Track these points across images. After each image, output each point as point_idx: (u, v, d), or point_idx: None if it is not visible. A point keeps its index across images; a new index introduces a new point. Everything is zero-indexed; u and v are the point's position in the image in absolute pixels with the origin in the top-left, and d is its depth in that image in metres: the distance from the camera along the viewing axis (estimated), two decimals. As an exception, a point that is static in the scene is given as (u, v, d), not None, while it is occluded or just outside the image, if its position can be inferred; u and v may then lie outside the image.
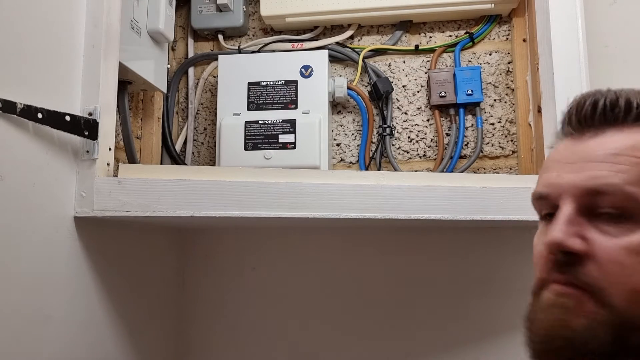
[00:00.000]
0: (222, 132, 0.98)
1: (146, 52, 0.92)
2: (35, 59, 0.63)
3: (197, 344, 1.07)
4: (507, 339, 0.93)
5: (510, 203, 0.74)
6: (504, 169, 1.03)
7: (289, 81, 1.00)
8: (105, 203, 0.69)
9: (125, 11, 0.81)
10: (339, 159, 1.07)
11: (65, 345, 0.68)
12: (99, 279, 0.75)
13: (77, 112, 0.69)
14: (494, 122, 1.04)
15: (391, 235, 1.00)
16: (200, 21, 1.09)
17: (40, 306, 0.63)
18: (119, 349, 0.81)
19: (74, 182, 0.69)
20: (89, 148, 0.69)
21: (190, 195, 0.70)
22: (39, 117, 0.62)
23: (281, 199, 0.71)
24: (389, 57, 1.08)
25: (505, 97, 1.04)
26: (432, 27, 1.08)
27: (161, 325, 0.98)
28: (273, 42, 1.08)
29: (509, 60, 1.05)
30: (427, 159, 1.05)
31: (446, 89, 1.02)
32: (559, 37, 0.79)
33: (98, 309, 0.76)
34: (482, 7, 1.01)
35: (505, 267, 1.00)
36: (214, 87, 1.11)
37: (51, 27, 0.66)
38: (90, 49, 0.72)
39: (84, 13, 0.72)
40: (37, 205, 0.63)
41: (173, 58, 1.13)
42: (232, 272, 1.07)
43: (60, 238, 0.67)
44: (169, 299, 1.02)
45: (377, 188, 0.71)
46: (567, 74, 0.78)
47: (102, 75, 0.71)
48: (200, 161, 1.11)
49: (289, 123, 0.97)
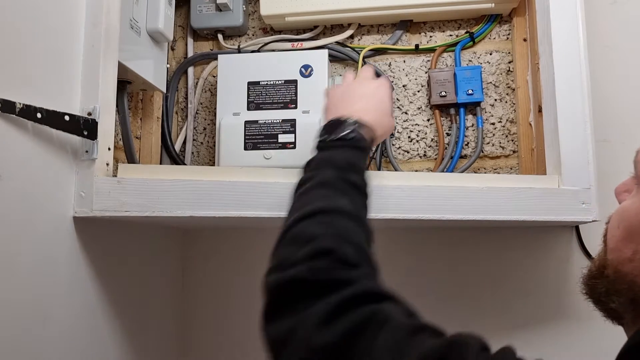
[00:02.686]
0: (221, 131, 0.98)
1: (145, 52, 0.91)
2: (34, 59, 0.63)
3: (197, 343, 1.07)
4: (507, 339, 0.93)
5: (511, 203, 0.74)
6: (504, 169, 1.03)
7: (288, 81, 1.00)
8: (104, 203, 0.69)
9: (124, 11, 0.81)
10: (339, 158, 1.07)
11: (64, 345, 0.68)
12: (98, 279, 0.75)
13: (77, 112, 0.69)
14: (494, 122, 1.04)
15: (391, 235, 1.00)
16: (199, 21, 1.09)
17: (40, 306, 0.63)
18: (118, 349, 0.81)
19: (73, 182, 0.69)
20: (88, 148, 0.69)
21: (189, 195, 0.70)
22: (38, 117, 0.61)
23: (281, 199, 0.70)
24: (389, 57, 1.08)
25: (505, 97, 1.04)
26: (432, 27, 1.08)
27: (161, 325, 0.98)
28: (273, 41, 1.08)
29: (510, 60, 1.05)
30: (428, 159, 1.05)
31: (446, 88, 1.01)
32: (560, 36, 0.79)
33: (97, 309, 0.76)
34: (482, 6, 1.00)
35: (505, 267, 1.00)
36: (213, 87, 1.11)
37: (51, 26, 0.66)
38: (90, 49, 0.71)
39: (84, 13, 0.72)
40: (36, 205, 0.63)
41: (172, 57, 1.13)
42: (232, 272, 1.07)
43: (60, 238, 0.67)
44: (169, 299, 1.02)
45: (377, 188, 0.71)
46: (567, 74, 0.78)
47: (101, 75, 0.71)
48: (199, 161, 1.11)
49: (288, 123, 0.97)
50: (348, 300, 0.44)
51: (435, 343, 0.40)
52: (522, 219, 0.73)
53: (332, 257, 0.49)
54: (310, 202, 0.56)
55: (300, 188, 0.60)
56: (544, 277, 0.99)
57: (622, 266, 0.42)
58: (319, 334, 0.43)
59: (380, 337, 0.41)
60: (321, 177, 0.59)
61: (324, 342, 0.42)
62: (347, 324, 0.42)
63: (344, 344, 0.41)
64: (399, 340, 0.40)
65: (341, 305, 0.44)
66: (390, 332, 0.41)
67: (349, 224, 0.54)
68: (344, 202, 0.56)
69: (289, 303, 0.47)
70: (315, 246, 0.50)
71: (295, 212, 0.56)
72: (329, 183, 0.58)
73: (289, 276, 0.48)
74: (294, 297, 0.47)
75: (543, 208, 0.73)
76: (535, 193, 0.74)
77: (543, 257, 0.99)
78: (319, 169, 0.61)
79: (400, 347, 0.40)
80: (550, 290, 0.99)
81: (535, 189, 0.74)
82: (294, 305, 0.46)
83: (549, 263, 0.99)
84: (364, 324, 0.42)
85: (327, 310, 0.44)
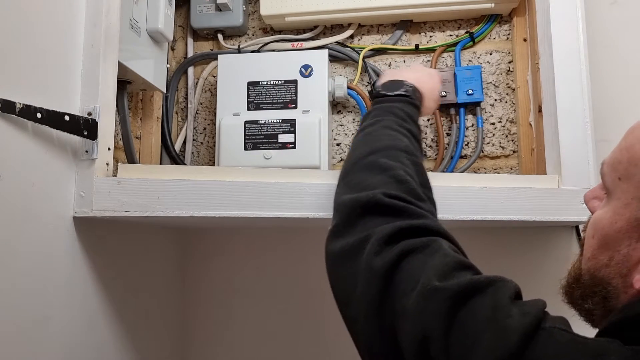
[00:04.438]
0: (221, 131, 0.98)
1: (145, 52, 0.91)
2: (34, 59, 0.63)
3: (197, 343, 1.07)
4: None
5: (511, 203, 0.74)
6: (504, 169, 1.03)
7: (288, 81, 1.00)
8: (104, 203, 0.69)
9: (124, 11, 0.81)
10: (339, 159, 1.07)
11: (64, 345, 0.68)
12: (98, 279, 0.75)
13: (77, 112, 0.69)
14: (494, 122, 1.04)
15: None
16: (199, 21, 1.09)
17: (40, 306, 0.63)
18: (118, 349, 0.81)
19: (73, 182, 0.69)
20: (88, 148, 0.69)
21: (189, 195, 0.70)
22: (38, 117, 0.61)
23: (281, 199, 0.70)
24: (389, 57, 1.08)
25: (505, 97, 1.04)
26: (432, 27, 1.08)
27: (161, 325, 0.98)
28: (273, 41, 1.08)
29: (510, 60, 1.05)
30: (428, 159, 1.05)
31: (447, 88, 1.01)
32: (560, 36, 0.79)
33: (97, 309, 0.76)
34: (482, 6, 1.00)
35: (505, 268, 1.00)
36: (213, 87, 1.11)
37: (50, 26, 0.66)
38: (90, 49, 0.71)
39: (84, 12, 0.72)
40: (36, 205, 0.62)
41: (172, 58, 1.13)
42: (232, 272, 1.06)
43: (60, 238, 0.67)
44: (169, 299, 1.02)
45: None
46: (567, 74, 0.78)
47: (101, 75, 0.71)
48: (199, 161, 1.11)
49: (288, 123, 0.97)
50: (414, 228, 0.50)
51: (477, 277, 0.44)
52: (522, 219, 0.73)
53: (405, 187, 0.55)
54: (379, 140, 0.63)
55: (364, 131, 0.67)
56: (543, 277, 0.99)
57: (598, 272, 0.45)
58: (381, 251, 0.48)
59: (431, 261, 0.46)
60: (385, 123, 0.67)
61: (383, 258, 0.47)
62: (408, 246, 0.48)
63: (399, 260, 0.47)
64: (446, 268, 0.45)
65: (407, 230, 0.50)
66: (442, 259, 0.46)
67: (413, 163, 0.61)
68: (407, 144, 0.63)
69: (361, 220, 0.53)
70: (389, 175, 0.56)
71: (365, 147, 0.62)
72: (392, 127, 0.65)
73: (366, 197, 0.54)
74: (368, 216, 0.53)
75: (543, 208, 0.73)
76: (535, 193, 0.74)
77: (543, 257, 0.99)
78: (381, 117, 0.68)
79: (445, 273, 0.45)
80: (550, 290, 0.98)
81: (535, 189, 0.74)
82: (366, 222, 0.52)
83: (549, 263, 0.99)
84: (421, 247, 0.48)
85: (394, 231, 0.49)
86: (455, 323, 0.41)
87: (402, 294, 0.45)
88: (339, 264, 0.52)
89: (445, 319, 0.41)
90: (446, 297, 0.42)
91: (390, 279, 0.46)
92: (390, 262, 0.47)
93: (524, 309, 0.40)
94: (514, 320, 0.39)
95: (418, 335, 0.42)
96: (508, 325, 0.39)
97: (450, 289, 0.42)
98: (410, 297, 0.44)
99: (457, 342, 0.40)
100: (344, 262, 0.52)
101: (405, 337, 0.43)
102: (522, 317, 0.40)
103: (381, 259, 0.48)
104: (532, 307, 0.41)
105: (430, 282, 0.44)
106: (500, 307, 0.41)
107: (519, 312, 0.40)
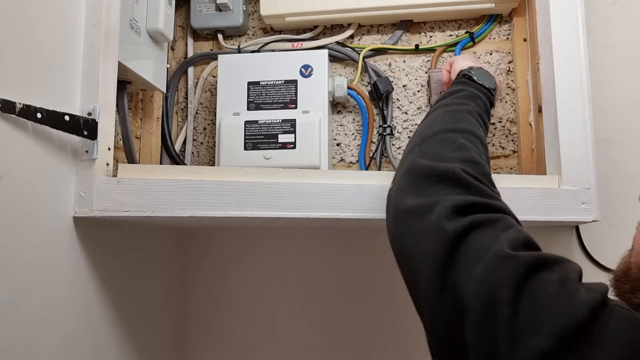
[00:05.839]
0: (221, 131, 0.98)
1: (145, 52, 0.91)
2: (34, 59, 0.63)
3: (197, 343, 1.07)
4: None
5: (510, 203, 0.73)
6: (504, 169, 1.03)
7: (288, 81, 1.00)
8: (104, 203, 0.69)
9: (124, 11, 0.81)
10: (339, 158, 1.07)
11: (64, 345, 0.68)
12: (98, 279, 0.75)
13: (77, 112, 0.69)
14: (494, 122, 1.04)
15: (391, 235, 0.99)
16: (199, 21, 1.09)
17: (40, 306, 0.63)
18: (118, 349, 0.81)
19: (73, 182, 0.69)
20: (88, 148, 0.69)
21: (189, 195, 0.70)
22: (38, 116, 0.61)
23: (281, 199, 0.70)
24: (389, 57, 1.08)
25: (505, 97, 1.04)
26: (432, 27, 1.08)
27: (161, 325, 0.98)
28: (273, 41, 1.08)
29: (510, 60, 1.05)
30: (427, 159, 1.04)
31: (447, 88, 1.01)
32: (560, 36, 0.79)
33: (97, 309, 0.76)
34: (482, 6, 1.00)
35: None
36: (213, 87, 1.11)
37: (50, 26, 0.66)
38: (90, 49, 0.71)
39: (83, 12, 0.72)
40: (36, 205, 0.62)
41: (172, 58, 1.13)
42: (232, 272, 1.07)
43: (60, 238, 0.67)
44: (169, 299, 1.02)
45: (377, 188, 0.71)
46: (567, 74, 0.78)
47: (101, 75, 0.71)
48: (199, 161, 1.11)
49: (288, 123, 0.97)
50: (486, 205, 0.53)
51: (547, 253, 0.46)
52: (522, 219, 0.72)
53: (479, 169, 0.58)
54: (462, 121, 0.68)
55: (450, 107, 0.72)
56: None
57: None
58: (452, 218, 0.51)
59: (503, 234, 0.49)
60: (470, 108, 0.72)
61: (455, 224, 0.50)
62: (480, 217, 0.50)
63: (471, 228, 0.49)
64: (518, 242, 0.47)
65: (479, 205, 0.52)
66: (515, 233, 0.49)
67: (485, 154, 0.65)
68: (483, 136, 0.68)
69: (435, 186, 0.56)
70: (467, 155, 0.60)
71: (447, 123, 0.67)
72: (474, 116, 0.70)
73: (445, 167, 0.57)
74: (441, 184, 0.56)
75: (543, 208, 0.73)
76: (535, 193, 0.74)
77: (543, 257, 0.99)
78: (467, 101, 0.74)
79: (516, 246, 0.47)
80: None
81: (535, 189, 0.74)
82: (439, 190, 0.55)
83: (549, 263, 0.99)
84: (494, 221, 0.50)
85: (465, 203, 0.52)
86: (525, 290, 0.42)
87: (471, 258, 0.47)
88: (406, 220, 0.55)
89: (516, 286, 0.43)
90: (518, 265, 0.44)
91: (459, 244, 0.48)
92: (463, 227, 0.49)
93: (590, 287, 0.42)
94: (583, 294, 0.41)
95: (484, 295, 0.44)
96: (578, 298, 0.41)
97: (523, 258, 0.44)
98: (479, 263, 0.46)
99: (525, 309, 0.41)
100: (411, 219, 0.54)
101: (468, 295, 0.45)
102: (589, 292, 0.41)
103: (453, 224, 0.50)
104: (598, 286, 0.43)
105: (504, 249, 0.46)
106: (569, 281, 0.43)
107: (586, 289, 0.42)
